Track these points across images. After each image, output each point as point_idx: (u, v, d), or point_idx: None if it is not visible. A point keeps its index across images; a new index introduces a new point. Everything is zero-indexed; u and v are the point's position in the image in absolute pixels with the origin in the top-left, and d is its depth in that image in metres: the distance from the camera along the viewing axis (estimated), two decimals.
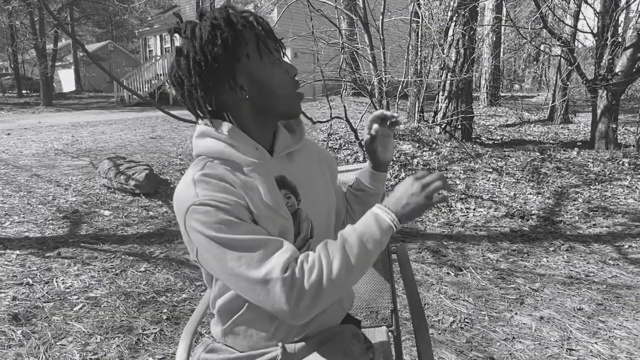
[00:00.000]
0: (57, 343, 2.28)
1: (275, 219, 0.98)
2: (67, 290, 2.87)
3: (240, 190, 0.95)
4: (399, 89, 6.40)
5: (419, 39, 8.18)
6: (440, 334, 2.48)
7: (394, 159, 6.12)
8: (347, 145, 6.77)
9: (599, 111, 7.07)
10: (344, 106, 6.11)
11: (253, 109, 1.01)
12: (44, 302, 2.69)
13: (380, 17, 6.54)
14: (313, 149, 1.20)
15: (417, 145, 6.86)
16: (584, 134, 8.52)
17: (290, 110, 1.04)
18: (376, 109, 6.42)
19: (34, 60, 20.82)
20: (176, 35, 1.07)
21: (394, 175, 5.59)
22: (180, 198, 0.94)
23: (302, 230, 1.07)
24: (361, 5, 6.49)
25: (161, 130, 9.57)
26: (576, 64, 7.14)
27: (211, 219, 0.89)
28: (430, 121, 7.75)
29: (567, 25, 8.81)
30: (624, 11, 8.77)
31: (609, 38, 6.95)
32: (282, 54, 1.04)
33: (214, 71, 0.96)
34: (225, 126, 1.00)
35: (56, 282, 2.97)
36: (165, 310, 2.65)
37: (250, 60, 0.98)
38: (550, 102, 10.68)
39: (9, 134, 9.53)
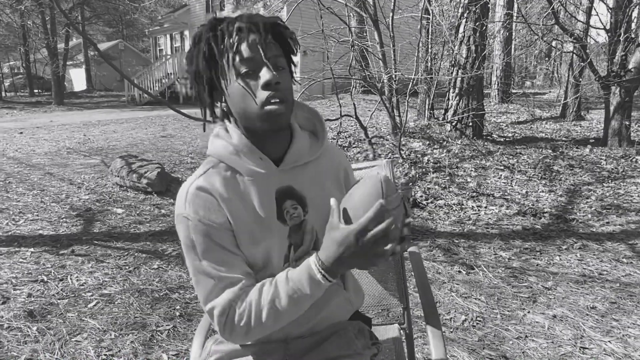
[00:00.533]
0: (72, 339, 2.31)
1: (259, 233, 1.01)
2: (82, 287, 2.90)
3: (232, 202, 0.99)
4: (409, 86, 6.37)
5: (430, 36, 8.14)
6: (452, 332, 2.48)
7: (404, 157, 6.10)
8: (356, 143, 6.76)
9: (611, 108, 6.99)
10: (354, 104, 6.10)
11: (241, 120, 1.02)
12: (59, 299, 2.72)
13: (391, 14, 6.51)
14: (332, 155, 1.16)
15: (428, 142, 6.84)
16: (597, 131, 8.43)
17: (269, 126, 0.97)
18: (386, 107, 6.42)
19: (45, 59, 21.02)
20: (186, 34, 1.08)
21: (403, 173, 5.58)
22: (177, 201, 1.02)
23: (304, 242, 1.06)
24: (371, 3, 6.48)
25: (172, 128, 9.63)
26: (589, 60, 7.06)
27: (187, 234, 0.98)
28: (440, 118, 7.71)
29: (579, 21, 8.72)
30: (638, 7, 8.64)
31: (622, 34, 6.86)
32: (259, 65, 0.96)
33: (205, 81, 1.00)
34: (235, 132, 1.02)
35: (70, 279, 3.00)
36: (178, 307, 2.67)
37: (223, 72, 0.98)
38: (563, 99, 10.57)
39: (21, 132, 9.65)
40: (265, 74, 0.94)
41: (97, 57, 26.34)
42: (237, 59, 0.94)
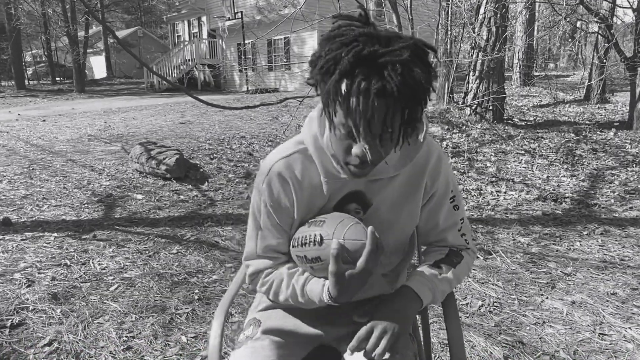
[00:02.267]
0: (95, 321, 2.37)
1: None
2: (103, 271, 2.97)
3: (303, 191, 1.08)
4: None
5: (449, 18, 7.99)
6: (468, 317, 2.47)
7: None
8: None
9: (637, 90, 6.79)
10: None
11: None
12: (82, 283, 2.79)
13: None
14: (420, 164, 1.10)
15: (447, 127, 6.76)
16: (622, 114, 8.20)
17: (346, 172, 1.02)
18: None
19: (66, 47, 21.32)
20: (204, 20, 1.06)
21: None
22: (259, 171, 1.12)
23: None
24: None
25: (190, 115, 9.70)
26: (614, 41, 6.85)
27: (257, 204, 1.12)
28: (460, 102, 7.60)
29: (604, 0, 8.44)
30: None
31: None
32: (366, 144, 0.89)
33: (320, 95, 0.92)
34: (327, 129, 1.03)
35: (92, 263, 3.08)
36: (196, 291, 2.72)
37: (335, 110, 0.89)
38: (587, 81, 10.30)
39: (44, 120, 9.83)
40: (358, 149, 0.90)
41: (116, 45, 26.57)
42: (347, 123, 0.87)
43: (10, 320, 2.34)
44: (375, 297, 1.21)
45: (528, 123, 7.48)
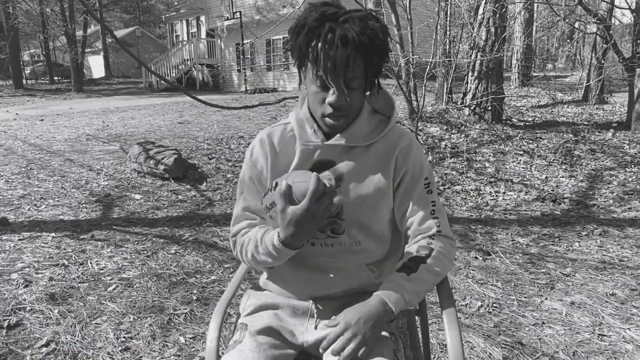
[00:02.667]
0: (92, 322, 2.36)
1: None
2: (101, 271, 2.96)
3: (277, 156, 1.21)
4: (427, 70, 6.28)
5: (448, 18, 7.99)
6: (467, 318, 2.47)
7: (421, 141, 6.04)
8: None
9: (636, 91, 6.80)
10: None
11: None
12: (79, 283, 2.78)
13: None
14: (391, 140, 1.19)
15: (445, 127, 6.75)
16: (620, 114, 8.21)
17: (324, 127, 1.15)
18: (403, 91, 6.34)
19: (64, 47, 21.27)
20: (202, 20, 1.13)
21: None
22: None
23: None
24: None
25: (189, 115, 9.68)
26: (612, 41, 6.86)
27: (243, 168, 1.27)
28: (459, 103, 7.60)
29: (603, 1, 8.45)
30: None
31: None
32: (334, 87, 1.05)
33: (294, 56, 1.09)
34: (305, 104, 1.21)
35: (90, 263, 3.06)
36: (195, 291, 2.71)
37: (306, 68, 1.08)
38: (585, 81, 10.31)
39: (42, 119, 9.81)
40: (331, 97, 1.06)
41: (115, 44, 26.52)
42: (317, 72, 1.04)
43: (8, 320, 2.33)
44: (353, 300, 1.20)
45: (527, 123, 7.49)
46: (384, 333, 1.14)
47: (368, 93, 1.14)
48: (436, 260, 1.15)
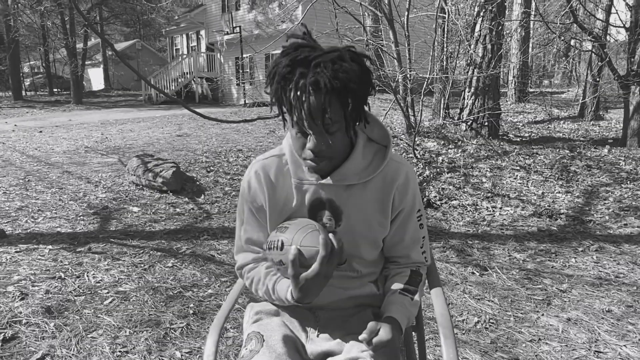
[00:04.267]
0: (88, 335, 2.35)
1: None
2: (98, 284, 2.95)
3: (275, 190, 1.20)
4: (424, 85, 6.33)
5: (445, 35, 8.09)
6: (464, 334, 2.47)
7: (418, 156, 6.08)
8: None
9: (631, 108, 6.87)
10: (368, 103, 6.07)
11: None
12: (76, 296, 2.77)
13: (406, 13, 6.49)
14: (389, 174, 1.19)
15: (443, 142, 6.80)
16: (616, 131, 8.28)
17: (310, 170, 1.15)
18: (400, 106, 6.39)
19: (64, 59, 21.38)
20: (202, 34, 1.14)
21: (418, 173, 5.56)
22: (246, 171, 1.26)
23: None
24: (386, 2, 6.46)
25: (187, 128, 9.72)
26: (607, 59, 6.94)
27: (240, 201, 1.26)
28: (456, 118, 7.66)
29: (598, 19, 8.58)
30: None
31: None
32: (309, 134, 1.05)
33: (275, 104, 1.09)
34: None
35: (87, 276, 3.06)
36: (191, 305, 2.70)
37: (285, 114, 1.07)
38: (581, 98, 10.41)
39: (41, 131, 9.83)
40: (310, 142, 1.06)
41: (114, 57, 26.69)
42: (293, 119, 1.03)
43: (3, 334, 2.32)
44: (373, 311, 1.27)
45: (523, 139, 7.54)
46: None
47: (359, 124, 1.11)
48: (422, 286, 1.27)
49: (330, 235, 1.07)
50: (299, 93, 0.98)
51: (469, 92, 7.12)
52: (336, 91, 0.98)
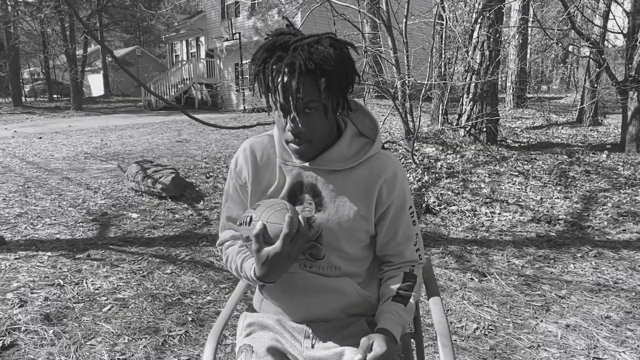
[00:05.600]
0: (87, 343, 2.35)
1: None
2: (97, 291, 2.95)
3: (259, 168, 1.22)
4: (423, 91, 6.35)
5: (443, 41, 8.12)
6: (463, 340, 2.47)
7: (417, 162, 6.09)
8: None
9: (629, 113, 6.89)
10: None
11: None
12: (75, 303, 2.77)
13: (404, 20, 6.52)
14: (376, 167, 1.19)
15: (441, 148, 6.81)
16: (614, 136, 8.30)
17: (292, 153, 1.18)
18: (399, 112, 6.41)
19: (64, 65, 21.43)
20: (202, 40, 1.18)
21: (417, 178, 5.56)
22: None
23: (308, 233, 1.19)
24: (384, 9, 6.48)
25: (187, 133, 9.73)
26: (605, 65, 6.97)
27: (228, 178, 1.29)
28: (454, 124, 7.68)
29: (595, 25, 8.62)
30: None
31: None
32: (288, 111, 1.08)
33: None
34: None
35: (86, 283, 3.06)
36: (190, 312, 2.70)
37: (267, 99, 1.11)
38: (579, 103, 10.44)
39: (40, 137, 9.84)
40: (288, 124, 1.09)
41: (114, 64, 26.74)
42: (273, 100, 1.08)
43: (2, 341, 2.31)
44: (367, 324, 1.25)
45: (521, 145, 7.56)
46: None
47: (339, 113, 1.17)
48: (418, 288, 1.25)
49: (300, 217, 1.07)
50: (274, 75, 1.04)
51: (467, 98, 7.14)
52: (311, 73, 1.02)
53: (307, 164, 1.17)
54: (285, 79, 1.03)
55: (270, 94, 1.07)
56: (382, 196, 1.19)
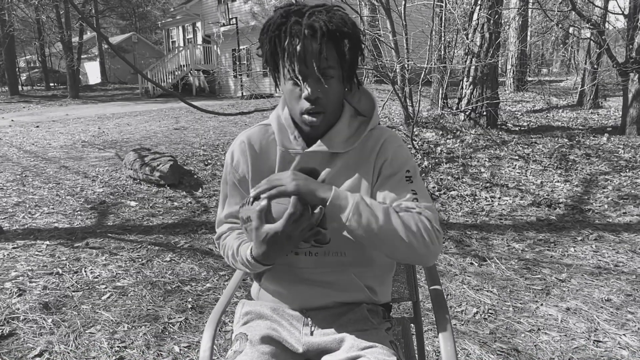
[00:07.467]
0: (86, 331, 2.34)
1: None
2: (96, 279, 2.94)
3: (258, 159, 1.19)
4: (422, 75, 6.29)
5: (443, 24, 8.03)
6: (463, 324, 2.46)
7: (417, 147, 6.05)
8: None
9: (630, 95, 6.84)
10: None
11: None
12: (73, 291, 2.76)
13: (403, 3, 6.43)
14: (375, 144, 1.15)
15: (441, 132, 6.77)
16: (615, 119, 8.26)
17: (305, 128, 1.13)
18: (398, 96, 6.36)
19: (60, 53, 21.24)
20: (198, 26, 1.14)
21: (416, 164, 5.54)
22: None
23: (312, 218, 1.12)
24: None
25: (185, 121, 9.68)
26: (606, 46, 6.90)
27: (224, 172, 1.26)
28: (454, 108, 7.63)
29: (596, 6, 8.52)
30: None
31: None
32: (306, 77, 1.04)
33: (267, 61, 1.09)
34: (285, 107, 1.19)
35: (85, 271, 3.05)
36: (190, 300, 2.70)
37: (279, 70, 1.08)
38: (580, 86, 10.37)
39: (37, 126, 9.79)
40: (306, 90, 1.04)
41: (110, 51, 26.52)
42: (289, 66, 1.02)
43: (1, 330, 2.31)
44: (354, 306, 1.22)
45: (522, 128, 7.52)
46: (385, 342, 1.13)
47: (348, 89, 1.13)
48: (407, 218, 1.02)
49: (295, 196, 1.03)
50: (295, 39, 1.00)
51: (467, 81, 7.08)
52: (332, 35, 1.00)
53: (308, 149, 1.14)
54: (307, 42, 1.00)
55: (286, 60, 1.02)
56: (376, 161, 1.14)
